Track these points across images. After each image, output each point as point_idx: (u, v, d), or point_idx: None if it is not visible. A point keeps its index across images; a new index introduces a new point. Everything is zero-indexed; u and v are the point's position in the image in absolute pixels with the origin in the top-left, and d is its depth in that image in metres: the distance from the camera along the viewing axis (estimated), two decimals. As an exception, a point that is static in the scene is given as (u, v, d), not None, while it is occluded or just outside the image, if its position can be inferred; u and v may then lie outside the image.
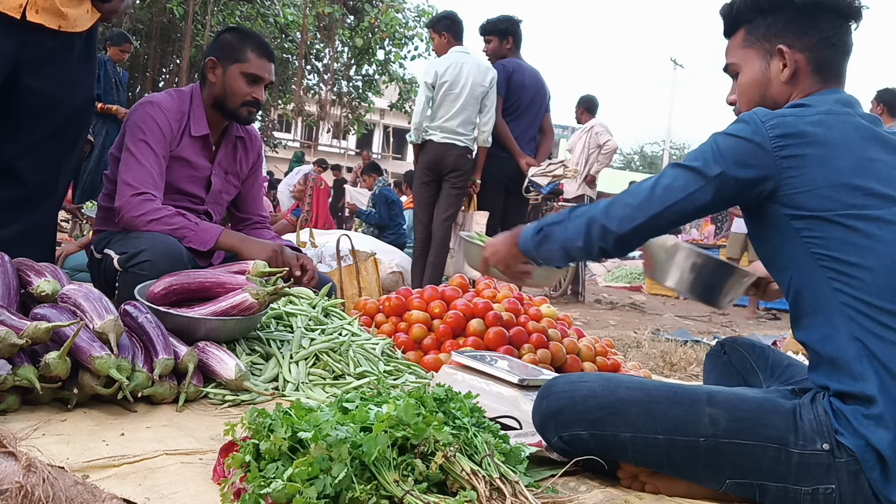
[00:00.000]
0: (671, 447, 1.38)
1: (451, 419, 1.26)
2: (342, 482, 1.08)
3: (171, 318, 1.95)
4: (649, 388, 1.45)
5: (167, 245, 2.31)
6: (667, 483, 1.45)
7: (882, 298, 1.34)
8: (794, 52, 1.52)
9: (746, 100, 1.59)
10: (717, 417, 1.38)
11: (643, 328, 4.80)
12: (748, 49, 1.58)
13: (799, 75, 1.53)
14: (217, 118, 2.62)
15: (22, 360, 1.55)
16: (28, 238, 2.31)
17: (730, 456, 1.36)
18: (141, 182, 2.40)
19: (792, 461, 1.34)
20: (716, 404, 1.40)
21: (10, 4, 2.10)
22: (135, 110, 2.53)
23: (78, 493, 1.08)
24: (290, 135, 26.74)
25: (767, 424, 1.36)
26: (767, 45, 1.55)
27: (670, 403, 1.41)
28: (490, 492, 1.12)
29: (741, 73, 1.60)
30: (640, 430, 1.40)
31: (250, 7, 13.74)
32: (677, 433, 1.38)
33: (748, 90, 1.59)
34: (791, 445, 1.34)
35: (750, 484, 1.37)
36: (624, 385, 1.47)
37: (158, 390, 1.71)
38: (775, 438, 1.35)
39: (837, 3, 1.50)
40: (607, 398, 1.44)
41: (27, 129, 2.29)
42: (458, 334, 2.51)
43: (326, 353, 2.14)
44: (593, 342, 2.71)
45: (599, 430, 1.42)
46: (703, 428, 1.37)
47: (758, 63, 1.57)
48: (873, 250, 1.35)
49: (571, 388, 1.48)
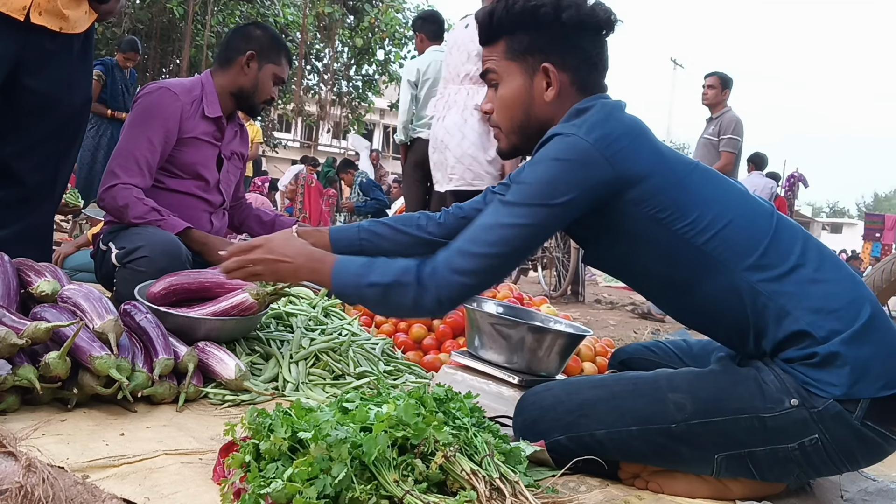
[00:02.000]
0: (646, 437, 1.40)
1: (451, 419, 1.26)
2: (342, 482, 1.08)
3: (171, 318, 1.95)
4: (610, 385, 1.48)
5: (166, 243, 2.32)
6: (669, 481, 1.45)
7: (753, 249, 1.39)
8: (559, 70, 1.50)
9: (509, 115, 1.56)
10: (681, 402, 1.40)
11: (643, 328, 4.80)
12: (510, 62, 1.53)
13: (563, 94, 1.52)
14: (229, 104, 2.68)
15: (22, 360, 1.55)
16: (26, 238, 2.31)
17: (706, 435, 1.38)
18: (125, 170, 2.46)
19: (767, 425, 1.35)
20: (676, 389, 1.42)
21: (13, 6, 2.11)
22: (143, 95, 2.56)
23: (78, 493, 1.08)
24: (290, 135, 26.74)
25: (732, 398, 1.38)
26: (532, 61, 1.51)
27: (634, 396, 1.44)
28: (490, 492, 1.12)
29: (502, 84, 1.55)
30: (613, 426, 1.42)
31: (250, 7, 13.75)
32: (648, 423, 1.40)
33: (510, 106, 1.55)
34: (761, 411, 1.35)
35: (739, 455, 1.38)
36: (586, 386, 1.50)
37: (158, 390, 1.71)
38: (744, 409, 1.36)
39: (598, 20, 1.50)
40: (573, 401, 1.46)
41: (26, 130, 2.29)
42: (458, 334, 2.51)
43: (326, 353, 2.14)
44: (593, 342, 2.71)
45: (575, 433, 1.44)
46: (670, 415, 1.39)
47: (520, 78, 1.53)
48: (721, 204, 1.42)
49: (539, 398, 1.51)
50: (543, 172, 1.41)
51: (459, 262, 1.42)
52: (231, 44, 2.68)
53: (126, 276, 2.30)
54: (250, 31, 2.71)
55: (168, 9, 13.11)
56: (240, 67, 2.62)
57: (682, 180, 1.43)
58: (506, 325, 1.78)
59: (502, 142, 1.62)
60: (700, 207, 1.41)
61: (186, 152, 2.59)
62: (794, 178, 11.07)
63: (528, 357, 1.76)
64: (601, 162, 1.39)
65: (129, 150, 2.48)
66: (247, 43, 2.64)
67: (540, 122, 1.53)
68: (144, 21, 13.84)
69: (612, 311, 6.05)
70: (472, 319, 1.84)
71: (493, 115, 1.60)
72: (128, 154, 2.48)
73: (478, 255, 1.42)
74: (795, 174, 11.37)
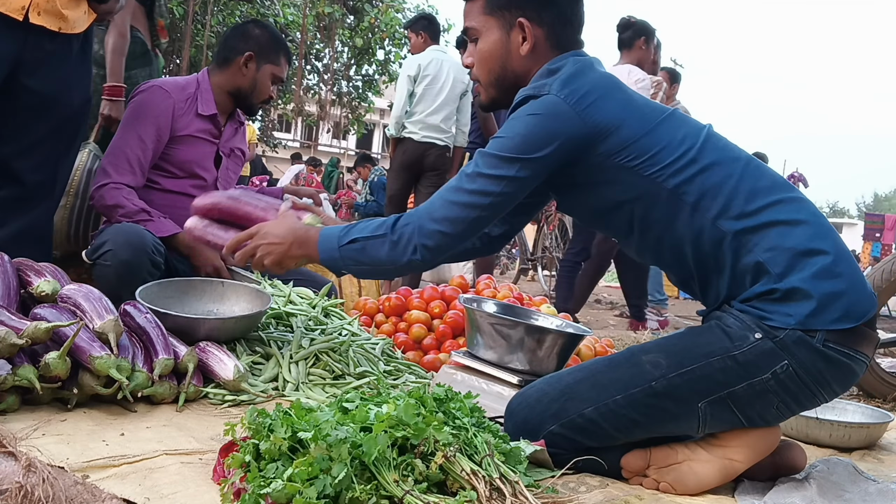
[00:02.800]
0: (632, 402, 1.45)
1: (451, 419, 1.26)
2: (342, 482, 1.08)
3: (171, 318, 1.95)
4: (587, 366, 1.56)
5: (129, 234, 2.32)
6: (675, 475, 1.46)
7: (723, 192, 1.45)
8: (534, 26, 1.58)
9: (487, 69, 1.63)
10: (656, 360, 1.46)
11: (643, 328, 4.80)
12: (488, 17, 1.60)
13: (538, 49, 1.59)
14: (227, 103, 2.69)
15: (22, 360, 1.55)
16: (26, 238, 2.31)
17: (686, 384, 1.43)
18: (116, 168, 2.47)
19: (738, 361, 1.41)
20: (648, 351, 1.50)
21: (12, 6, 2.11)
22: (137, 93, 2.57)
23: (78, 493, 1.08)
24: (290, 135, 26.73)
25: (700, 344, 1.45)
26: (508, 16, 1.59)
27: (610, 368, 1.51)
28: (490, 492, 1.12)
29: (480, 39, 1.62)
30: (598, 400, 1.46)
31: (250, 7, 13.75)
32: (630, 387, 1.45)
33: (487, 59, 1.62)
34: (730, 350, 1.42)
35: (720, 398, 1.43)
36: (565, 374, 1.56)
37: (158, 390, 1.71)
38: (715, 352, 1.43)
39: None
40: (557, 389, 1.51)
41: (25, 129, 2.29)
42: (458, 334, 2.51)
43: (326, 353, 2.13)
44: (593, 342, 2.71)
45: (566, 417, 1.47)
46: (648, 374, 1.45)
47: (497, 33, 1.60)
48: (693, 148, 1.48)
49: (524, 397, 1.54)
50: (520, 127, 1.49)
51: (439, 210, 1.50)
52: (229, 43, 2.68)
53: (97, 273, 2.32)
54: (249, 29, 2.70)
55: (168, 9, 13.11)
56: (238, 67, 2.62)
57: (655, 127, 1.50)
58: (505, 325, 1.78)
59: (482, 94, 1.70)
60: (672, 152, 1.48)
61: (181, 150, 2.59)
62: (795, 177, 11.06)
63: (527, 357, 1.76)
64: (572, 116, 1.46)
65: (121, 149, 2.49)
66: (245, 43, 2.63)
67: (516, 75, 1.60)
68: (144, 21, 13.82)
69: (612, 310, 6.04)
70: (471, 319, 1.84)
71: (473, 69, 1.66)
72: (119, 153, 2.49)
73: (457, 204, 1.50)
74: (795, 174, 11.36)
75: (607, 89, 1.52)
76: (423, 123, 4.73)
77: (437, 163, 4.76)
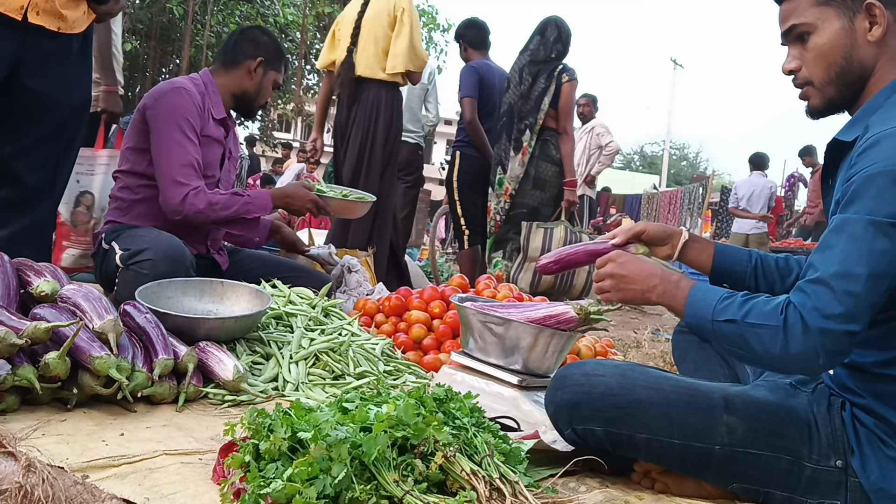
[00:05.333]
0: (686, 452, 1.37)
1: (451, 419, 1.26)
2: (342, 482, 1.08)
3: (170, 318, 1.95)
4: (667, 391, 1.41)
5: (170, 247, 2.33)
6: (677, 481, 1.45)
7: None
8: (886, 8, 1.35)
9: (826, 64, 1.41)
10: (734, 426, 1.35)
11: (643, 328, 4.80)
12: (824, 7, 1.40)
13: (889, 33, 1.37)
14: (230, 104, 2.74)
15: (21, 360, 1.55)
16: (26, 238, 2.31)
17: (743, 464, 1.35)
18: (188, 178, 2.49)
19: (804, 475, 1.33)
20: (733, 412, 1.37)
21: (11, 6, 2.11)
22: (161, 96, 2.56)
23: (78, 493, 1.08)
24: (290, 135, 26.73)
25: (783, 436, 1.34)
26: (850, 2, 1.38)
27: (688, 409, 1.38)
28: (490, 492, 1.12)
29: (815, 34, 1.41)
30: (657, 434, 1.37)
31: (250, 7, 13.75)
32: (694, 440, 1.36)
33: (827, 53, 1.40)
34: (805, 459, 1.33)
35: (757, 490, 1.37)
36: (641, 384, 1.42)
37: (158, 390, 1.71)
38: (790, 451, 1.33)
39: None
40: (625, 398, 1.40)
41: (25, 130, 2.30)
42: (457, 334, 2.50)
43: (326, 353, 2.13)
44: (593, 342, 2.71)
45: (615, 429, 1.40)
46: (719, 436, 1.35)
47: (838, 21, 1.39)
48: None
49: (588, 381, 1.44)
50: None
51: (828, 304, 1.23)
52: (239, 46, 2.73)
53: (128, 278, 2.30)
54: (258, 36, 2.78)
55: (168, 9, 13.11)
56: (246, 71, 2.69)
57: None
58: (495, 322, 1.78)
59: (815, 98, 1.45)
60: None
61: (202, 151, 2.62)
62: (794, 178, 11.06)
63: (523, 356, 1.77)
64: None
65: (178, 157, 2.50)
66: (255, 48, 2.72)
67: (862, 65, 1.39)
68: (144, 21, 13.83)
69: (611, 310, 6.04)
70: (463, 318, 1.84)
71: (802, 70, 1.44)
72: (176, 161, 2.49)
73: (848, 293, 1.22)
74: (795, 174, 11.36)
75: None
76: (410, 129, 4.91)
77: (408, 160, 4.93)
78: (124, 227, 2.52)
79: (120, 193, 2.63)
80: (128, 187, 2.61)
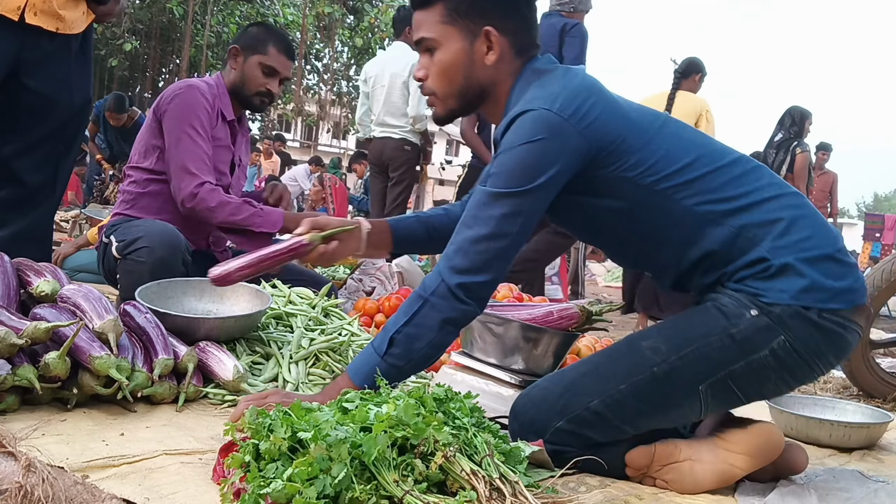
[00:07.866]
0: (636, 390, 1.45)
1: (450, 419, 1.26)
2: (342, 482, 1.08)
3: (170, 318, 1.95)
4: (589, 360, 1.56)
5: (164, 233, 2.33)
6: (673, 477, 1.46)
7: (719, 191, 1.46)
8: (500, 34, 1.52)
9: (447, 80, 1.54)
10: (655, 345, 1.47)
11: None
12: (448, 26, 1.52)
13: (504, 58, 1.53)
14: (236, 105, 2.73)
15: (21, 360, 1.55)
16: (26, 238, 2.31)
17: (687, 367, 1.44)
18: (201, 170, 2.47)
19: (736, 339, 1.42)
20: (647, 337, 1.50)
21: (8, 6, 2.11)
22: (177, 94, 2.56)
23: (78, 493, 1.08)
24: (290, 135, 26.74)
25: (697, 325, 1.46)
26: (472, 25, 1.51)
27: (611, 359, 1.51)
28: (490, 492, 1.12)
29: (439, 50, 1.53)
30: (604, 392, 1.46)
31: (250, 7, 13.77)
32: (633, 375, 1.45)
33: (448, 70, 1.53)
34: (727, 328, 1.43)
35: (720, 379, 1.44)
36: (568, 369, 1.57)
37: (158, 390, 1.71)
38: (712, 332, 1.43)
39: None
40: (560, 385, 1.50)
41: (25, 130, 2.30)
42: (457, 334, 2.51)
43: (326, 353, 2.13)
44: (593, 342, 2.71)
45: (572, 412, 1.46)
46: (649, 360, 1.45)
47: (459, 42, 1.52)
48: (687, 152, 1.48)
49: (528, 397, 1.54)
50: (524, 155, 1.43)
51: (461, 262, 1.45)
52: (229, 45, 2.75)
53: (127, 268, 2.32)
54: (244, 29, 2.79)
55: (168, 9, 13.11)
56: (230, 65, 2.69)
57: (653, 137, 1.49)
58: (494, 322, 1.78)
59: (439, 107, 1.61)
60: (669, 160, 1.47)
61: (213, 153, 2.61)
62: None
63: (523, 356, 1.77)
64: (575, 136, 1.43)
65: (191, 150, 2.48)
66: (234, 41, 2.73)
67: (481, 85, 1.55)
68: (144, 21, 13.84)
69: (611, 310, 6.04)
70: None
71: (428, 81, 1.57)
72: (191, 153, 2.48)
73: (478, 252, 1.44)
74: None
75: (605, 103, 1.49)
76: (381, 122, 4.96)
77: (395, 155, 4.94)
78: (123, 221, 2.52)
79: (128, 187, 2.64)
80: (136, 182, 2.62)
